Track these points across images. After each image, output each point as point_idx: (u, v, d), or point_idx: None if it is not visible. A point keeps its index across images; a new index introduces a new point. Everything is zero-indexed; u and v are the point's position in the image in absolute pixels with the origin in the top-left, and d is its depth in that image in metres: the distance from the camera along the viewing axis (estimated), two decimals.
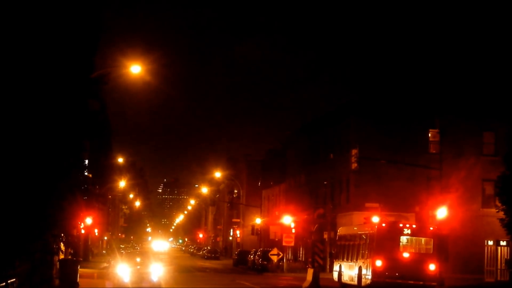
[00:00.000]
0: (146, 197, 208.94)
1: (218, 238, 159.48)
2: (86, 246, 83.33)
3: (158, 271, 42.76)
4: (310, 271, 47.98)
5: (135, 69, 37.43)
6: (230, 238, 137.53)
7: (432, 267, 43.53)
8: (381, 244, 43.66)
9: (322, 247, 59.56)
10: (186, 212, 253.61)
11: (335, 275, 51.48)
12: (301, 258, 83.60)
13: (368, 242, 45.06)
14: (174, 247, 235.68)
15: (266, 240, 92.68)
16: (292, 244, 71.95)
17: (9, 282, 28.43)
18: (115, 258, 47.82)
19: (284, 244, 71.20)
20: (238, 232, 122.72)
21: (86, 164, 66.95)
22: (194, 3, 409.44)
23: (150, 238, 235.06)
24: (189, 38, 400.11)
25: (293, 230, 71.99)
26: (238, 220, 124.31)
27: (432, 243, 44.10)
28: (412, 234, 44.11)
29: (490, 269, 62.89)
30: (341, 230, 54.28)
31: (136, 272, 41.95)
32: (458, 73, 66.23)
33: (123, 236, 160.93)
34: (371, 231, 44.94)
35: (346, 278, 48.87)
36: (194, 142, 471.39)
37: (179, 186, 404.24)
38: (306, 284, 47.64)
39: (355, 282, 46.19)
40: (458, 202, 59.32)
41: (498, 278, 61.69)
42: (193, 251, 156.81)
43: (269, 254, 70.45)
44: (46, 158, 28.57)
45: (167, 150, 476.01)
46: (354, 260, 46.99)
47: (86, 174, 67.54)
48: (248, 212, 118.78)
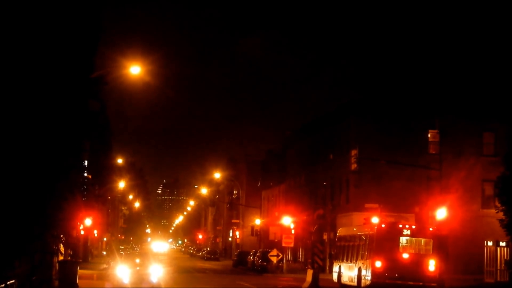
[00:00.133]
0: (146, 198, 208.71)
1: (218, 239, 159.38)
2: (85, 247, 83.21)
3: (157, 272, 42.76)
4: (310, 272, 47.96)
5: (135, 69, 37.35)
6: (230, 239, 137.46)
7: (431, 268, 43.50)
8: (380, 245, 43.64)
9: (322, 248, 59.59)
10: (185, 213, 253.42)
11: (335, 276, 51.48)
12: (300, 259, 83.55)
13: (367, 243, 45.03)
14: (173, 248, 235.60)
15: (265, 241, 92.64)
16: (291, 245, 71.89)
17: (8, 283, 28.35)
18: (115, 259, 47.82)
19: (283, 245, 71.14)
20: (237, 233, 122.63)
21: (85, 164, 66.84)
22: (194, 4, 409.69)
23: (149, 239, 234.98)
24: (189, 38, 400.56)
25: (292, 231, 71.93)
26: (238, 221, 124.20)
27: (431, 244, 44.07)
28: (411, 235, 44.09)
29: (490, 269, 62.89)
30: (340, 231, 54.26)
31: (135, 273, 41.95)
32: (458, 73, 66.20)
33: (123, 237, 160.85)
34: (371, 232, 44.92)
35: (345, 279, 48.85)
36: (193, 143, 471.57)
37: (179, 187, 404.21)
38: (306, 285, 47.62)
39: (355, 283, 46.17)
40: (458, 203, 59.30)
41: (498, 279, 61.69)
42: (192, 252, 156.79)
43: (268, 255, 70.39)
44: (46, 158, 28.54)
45: (167, 150, 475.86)
46: (354, 261, 46.97)
47: (85, 174, 67.43)
48: (247, 213, 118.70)
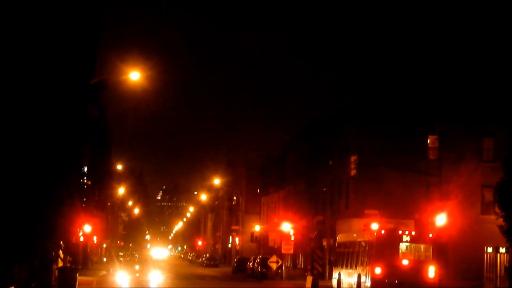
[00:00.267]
0: (145, 204, 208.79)
1: (217, 246, 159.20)
2: (85, 253, 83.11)
3: (157, 279, 42.78)
4: (309, 279, 47.97)
5: (134, 75, 37.34)
6: (229, 245, 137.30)
7: (431, 274, 43.46)
8: (380, 251, 43.59)
9: (321, 254, 59.53)
10: (185, 219, 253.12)
11: (334, 283, 51.39)
12: (300, 266, 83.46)
13: (367, 249, 44.99)
14: (173, 255, 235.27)
15: (265, 247, 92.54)
16: (291, 251, 71.79)
17: None
18: (114, 265, 47.85)
19: (283, 251, 71.04)
20: (237, 239, 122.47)
21: (85, 170, 66.84)
22: (193, 8, 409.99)
23: (149, 246, 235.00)
24: (188, 43, 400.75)
25: (292, 237, 71.85)
26: (237, 227, 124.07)
27: (431, 250, 44.05)
28: (411, 241, 44.05)
29: (490, 276, 62.76)
30: (340, 237, 54.21)
31: (135, 279, 41.97)
32: (457, 78, 66.09)
33: (122, 243, 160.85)
34: (370, 238, 44.88)
35: (345, 286, 48.78)
36: (193, 148, 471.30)
37: (178, 193, 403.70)
38: None
39: None
40: (457, 209, 59.19)
41: (498, 285, 61.54)
42: (192, 259, 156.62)
43: (268, 262, 70.27)
44: (45, 163, 28.54)
45: (166, 156, 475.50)
46: (354, 267, 46.92)
47: (85, 180, 67.40)
48: (247, 219, 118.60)
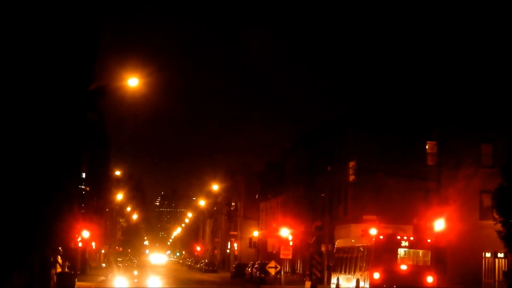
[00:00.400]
0: (144, 209, 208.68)
1: (216, 251, 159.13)
2: (83, 259, 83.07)
3: (155, 284, 42.80)
4: (308, 284, 48.02)
5: (133, 81, 37.37)
6: (228, 250, 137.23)
7: (430, 280, 43.50)
8: (378, 256, 43.64)
9: (320, 260, 59.62)
10: (183, 225, 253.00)
11: None
12: (299, 271, 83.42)
13: (366, 254, 45.03)
14: (171, 260, 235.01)
15: (264, 252, 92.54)
16: (290, 256, 71.75)
17: None
18: (113, 271, 47.87)
19: (281, 256, 71.01)
20: (235, 244, 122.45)
21: (83, 176, 66.88)
22: (192, 15, 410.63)
23: (147, 251, 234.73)
24: (188, 50, 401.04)
25: (291, 243, 71.79)
26: (236, 232, 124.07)
27: (430, 255, 44.10)
28: (410, 246, 44.12)
29: (488, 281, 62.78)
30: (339, 243, 54.24)
31: (133, 285, 41.99)
32: (456, 84, 66.18)
33: (121, 249, 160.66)
34: (369, 244, 44.92)
35: None
36: (191, 154, 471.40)
37: (177, 199, 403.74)
38: None
39: None
40: (456, 214, 59.24)
41: None
42: (190, 264, 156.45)
43: (266, 267, 70.23)
44: (44, 169, 28.58)
45: (165, 162, 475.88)
46: (352, 272, 46.95)
47: (83, 186, 67.44)
48: (246, 224, 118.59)
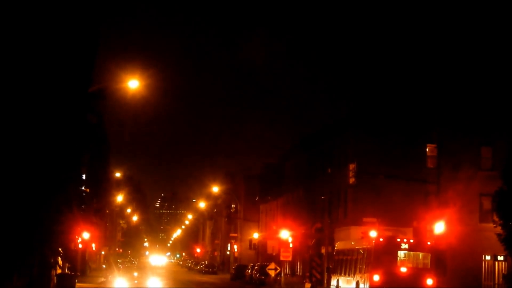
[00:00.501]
0: (144, 211, 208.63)
1: (216, 253, 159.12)
2: (83, 260, 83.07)
3: (155, 286, 42.78)
4: (308, 286, 48.03)
5: (133, 83, 37.35)
6: (228, 252, 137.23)
7: (429, 282, 43.50)
8: (378, 258, 43.64)
9: (320, 262, 59.57)
10: (183, 226, 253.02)
11: None
12: (298, 273, 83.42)
13: (365, 256, 45.03)
14: (171, 262, 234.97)
15: (263, 254, 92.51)
16: (289, 258, 71.74)
17: None
18: (113, 272, 47.85)
19: (281, 258, 71.00)
20: (235, 246, 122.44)
21: (83, 178, 66.92)
22: (192, 17, 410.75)
23: (147, 253, 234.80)
24: (186, 52, 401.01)
25: (290, 245, 71.79)
26: (236, 234, 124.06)
27: (429, 258, 44.11)
28: (409, 249, 44.12)
29: (488, 284, 62.75)
30: (338, 245, 54.23)
31: (133, 286, 41.98)
32: (456, 87, 66.21)
33: (121, 250, 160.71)
34: (369, 246, 44.93)
35: None
36: (191, 156, 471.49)
37: (177, 201, 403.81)
38: None
39: None
40: (456, 217, 59.20)
41: None
42: (190, 266, 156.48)
43: (266, 269, 70.21)
44: (44, 172, 28.59)
45: (165, 164, 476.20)
46: (352, 274, 46.95)
47: (83, 188, 67.48)
48: (245, 226, 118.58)
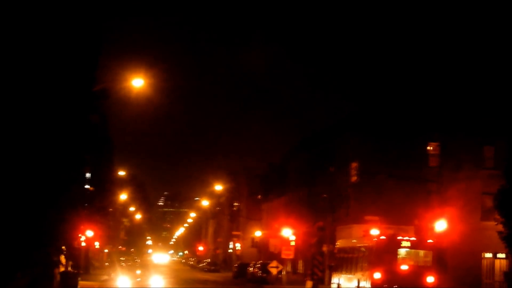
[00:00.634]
0: (147, 210, 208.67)
1: (218, 251, 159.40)
2: (86, 258, 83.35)
3: (158, 284, 43.03)
4: (309, 284, 48.23)
5: (136, 83, 37.55)
6: (230, 250, 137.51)
7: (430, 280, 43.70)
8: (380, 256, 43.85)
9: (321, 260, 59.73)
10: (186, 225, 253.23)
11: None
12: (300, 271, 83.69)
13: (367, 254, 45.26)
14: (174, 260, 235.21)
15: (265, 252, 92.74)
16: (291, 256, 71.93)
17: None
18: (116, 270, 48.10)
19: (283, 256, 71.19)
20: (238, 244, 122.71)
21: (87, 177, 67.24)
22: (195, 18, 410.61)
23: (150, 251, 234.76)
24: (189, 52, 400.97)
25: (292, 243, 71.98)
26: (238, 232, 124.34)
27: (431, 256, 44.30)
28: (411, 247, 44.33)
29: (488, 281, 63.01)
30: (340, 243, 54.47)
31: (136, 284, 42.23)
32: (457, 86, 66.38)
33: (124, 248, 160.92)
34: (370, 244, 45.15)
35: None
36: (195, 155, 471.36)
37: (180, 199, 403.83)
38: None
39: None
40: (457, 215, 59.42)
41: None
42: (193, 264, 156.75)
43: (268, 267, 70.42)
44: (47, 171, 28.84)
45: (168, 163, 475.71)
46: (353, 272, 47.17)
47: (87, 187, 67.80)
48: (248, 225, 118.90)
